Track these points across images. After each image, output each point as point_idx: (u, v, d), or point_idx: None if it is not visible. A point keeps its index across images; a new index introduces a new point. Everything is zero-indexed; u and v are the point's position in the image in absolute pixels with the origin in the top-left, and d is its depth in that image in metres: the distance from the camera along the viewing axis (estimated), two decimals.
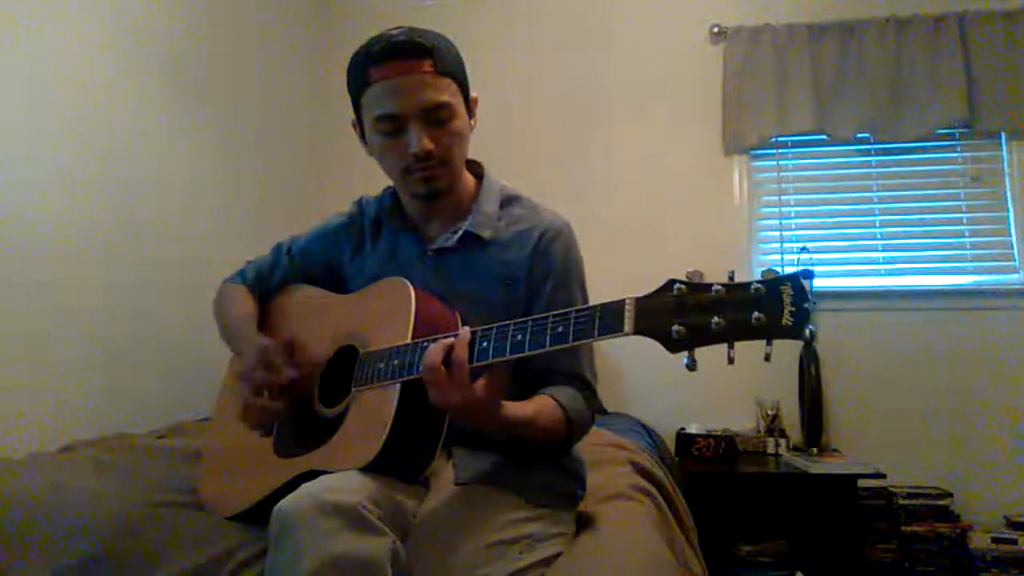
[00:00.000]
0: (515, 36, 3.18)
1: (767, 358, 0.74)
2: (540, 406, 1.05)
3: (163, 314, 2.15)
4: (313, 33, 3.22)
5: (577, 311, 0.85)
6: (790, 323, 0.71)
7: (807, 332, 0.71)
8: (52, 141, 1.82)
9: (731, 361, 0.75)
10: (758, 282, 0.74)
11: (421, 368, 0.92)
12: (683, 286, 0.78)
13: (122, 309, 2.01)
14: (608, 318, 0.82)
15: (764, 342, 0.73)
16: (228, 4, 2.60)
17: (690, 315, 0.76)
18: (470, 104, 1.17)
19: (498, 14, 3.20)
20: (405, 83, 1.07)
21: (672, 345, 0.77)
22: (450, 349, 0.91)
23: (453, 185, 1.17)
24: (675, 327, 0.76)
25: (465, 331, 0.92)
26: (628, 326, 0.80)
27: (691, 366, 0.77)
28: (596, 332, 0.82)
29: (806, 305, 0.71)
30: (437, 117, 1.09)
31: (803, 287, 0.72)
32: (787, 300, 0.72)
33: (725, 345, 0.75)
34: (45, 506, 1.11)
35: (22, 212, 1.73)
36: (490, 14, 3.19)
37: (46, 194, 1.79)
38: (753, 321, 0.73)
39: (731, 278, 0.78)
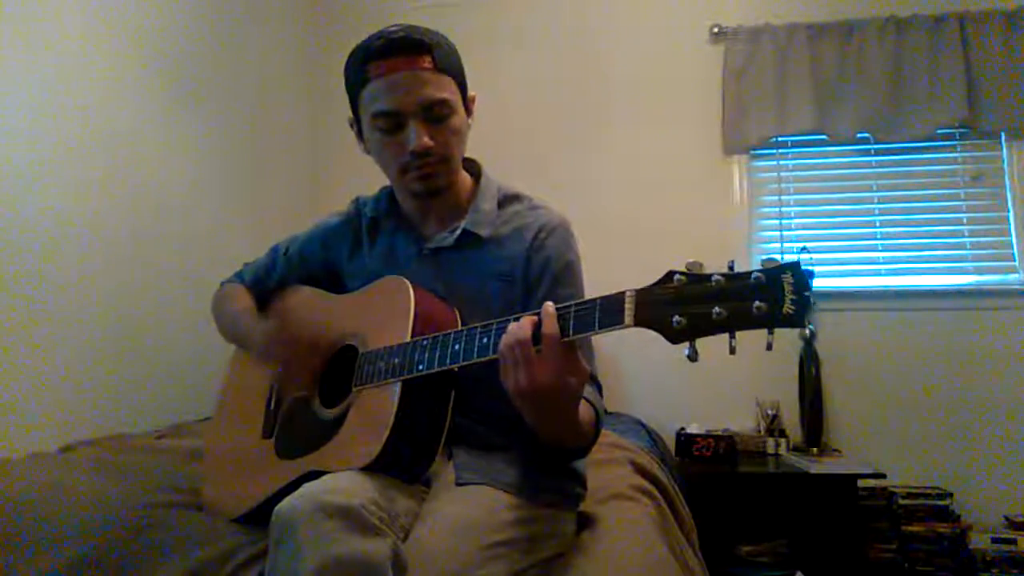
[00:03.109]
0: (514, 36, 3.17)
1: (769, 347, 0.73)
2: (583, 407, 1.01)
3: (163, 314, 2.15)
4: (311, 34, 3.23)
5: (577, 304, 0.85)
6: (792, 312, 0.71)
7: (808, 321, 0.70)
8: (52, 141, 1.82)
9: (732, 351, 0.74)
10: (759, 271, 0.74)
11: (503, 346, 0.87)
12: (683, 276, 0.78)
13: (122, 309, 2.01)
14: (608, 310, 0.81)
15: (766, 332, 0.73)
16: (227, 5, 2.60)
17: (690, 305, 0.76)
18: (468, 102, 1.17)
19: (497, 14, 3.19)
20: (404, 79, 1.06)
21: (673, 336, 0.76)
22: (538, 326, 0.86)
23: (451, 183, 1.17)
24: (676, 318, 0.76)
25: (550, 306, 0.87)
26: (628, 318, 0.79)
27: (693, 357, 0.77)
28: (596, 325, 0.82)
29: (807, 293, 0.71)
30: (436, 114, 1.09)
31: (804, 275, 0.71)
32: (788, 289, 0.71)
33: (726, 336, 0.74)
34: (45, 506, 1.11)
35: (22, 212, 1.72)
36: (489, 14, 3.19)
37: (46, 194, 1.79)
38: (754, 310, 0.72)
39: (731, 267, 0.77)
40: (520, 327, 0.87)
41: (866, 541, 2.46)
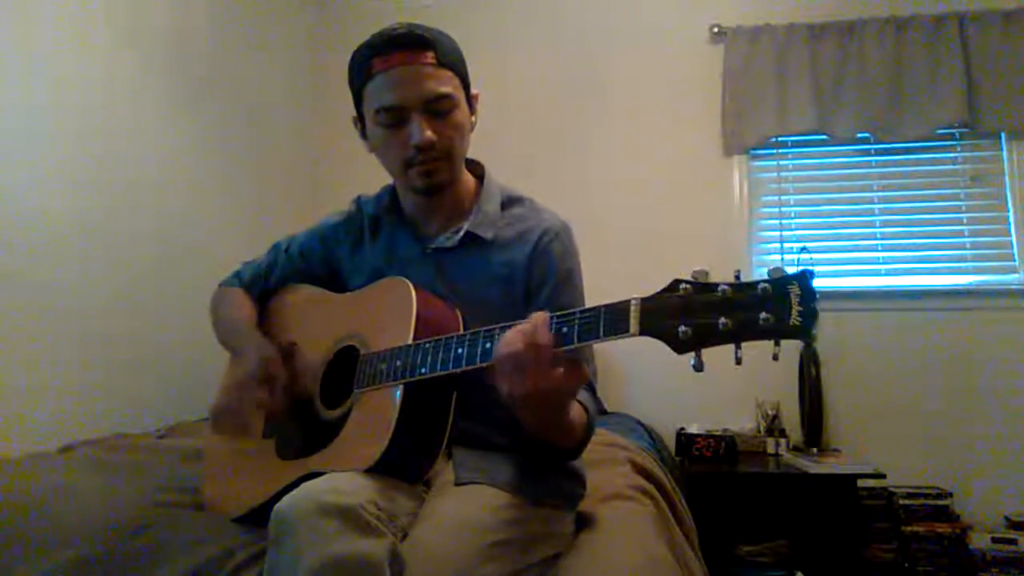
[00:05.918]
0: (515, 36, 3.17)
1: (775, 358, 0.72)
2: (575, 409, 1.02)
3: (163, 314, 2.15)
4: (312, 33, 3.22)
5: (582, 312, 0.84)
6: (798, 323, 0.70)
7: (815, 332, 0.70)
8: (52, 141, 1.82)
9: (738, 362, 0.74)
10: (765, 281, 0.73)
11: (498, 354, 0.87)
12: (688, 286, 0.77)
13: (122, 309, 2.01)
14: (613, 319, 0.81)
15: (771, 342, 0.72)
16: (228, 4, 2.60)
17: (696, 315, 0.75)
18: (471, 100, 1.17)
19: (498, 14, 3.19)
20: (407, 74, 1.06)
21: (679, 346, 0.76)
22: (530, 334, 0.86)
23: (453, 180, 1.16)
24: (681, 328, 0.75)
25: (542, 315, 0.87)
26: (634, 327, 0.79)
27: (698, 367, 0.76)
28: (601, 333, 0.81)
29: (814, 304, 0.70)
30: (439, 108, 1.08)
31: (810, 286, 0.71)
32: (795, 299, 0.71)
33: (731, 345, 0.74)
34: (45, 506, 1.11)
35: (22, 212, 1.72)
36: (490, 14, 3.19)
37: (46, 194, 1.79)
38: (761, 321, 0.72)
39: (737, 277, 0.76)
40: (514, 336, 0.86)
41: (866, 541, 2.46)
